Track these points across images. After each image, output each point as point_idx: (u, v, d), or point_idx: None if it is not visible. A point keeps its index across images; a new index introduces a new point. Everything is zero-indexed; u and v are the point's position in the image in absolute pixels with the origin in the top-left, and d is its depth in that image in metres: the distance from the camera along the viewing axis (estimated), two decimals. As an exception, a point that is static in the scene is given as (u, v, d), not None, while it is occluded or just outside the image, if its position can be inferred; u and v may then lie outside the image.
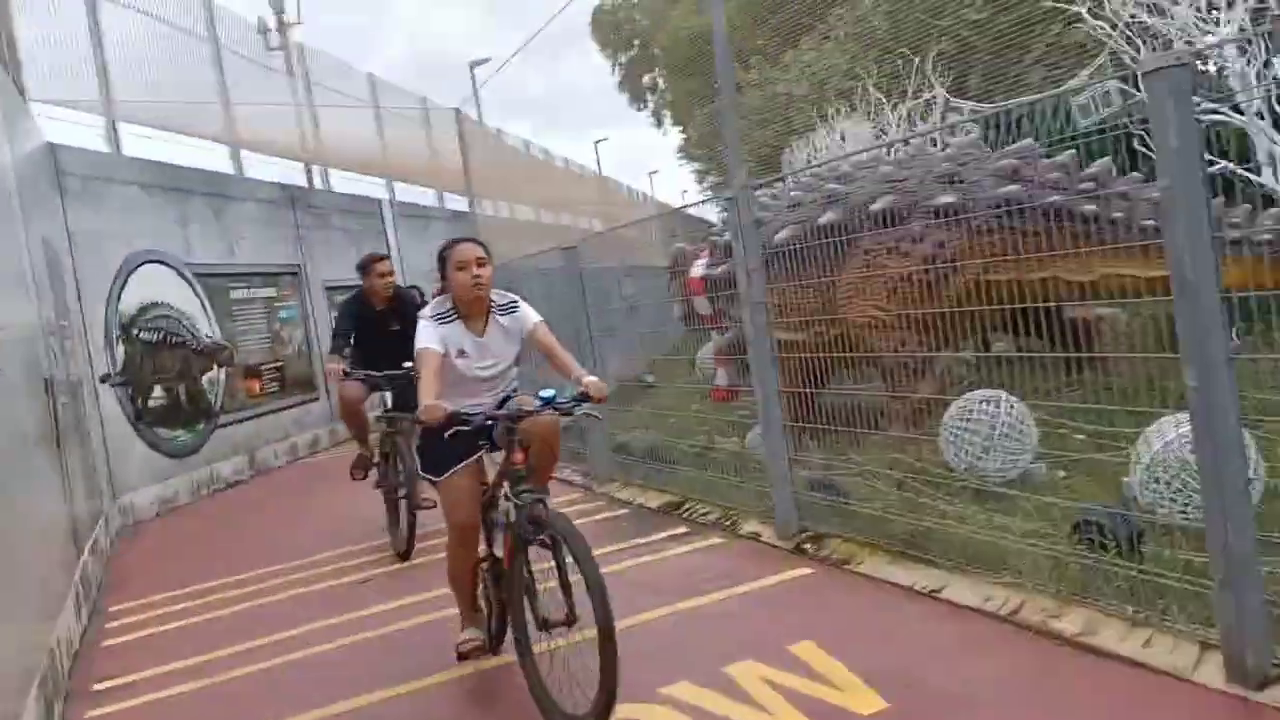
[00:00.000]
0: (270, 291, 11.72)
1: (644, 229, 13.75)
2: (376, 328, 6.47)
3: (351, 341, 6.57)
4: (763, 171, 22.37)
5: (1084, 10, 6.77)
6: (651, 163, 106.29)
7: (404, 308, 6.43)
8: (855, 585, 4.19)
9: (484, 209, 15.19)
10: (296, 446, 11.87)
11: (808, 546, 4.67)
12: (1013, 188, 5.96)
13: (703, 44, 31.40)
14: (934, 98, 8.25)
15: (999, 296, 6.23)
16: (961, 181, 6.15)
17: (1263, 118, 5.82)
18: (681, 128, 36.53)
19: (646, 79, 39.50)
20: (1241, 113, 6.46)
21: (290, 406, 11.80)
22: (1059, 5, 7.73)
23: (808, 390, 6.84)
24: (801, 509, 4.92)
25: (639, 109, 39.48)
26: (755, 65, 24.97)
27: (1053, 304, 6.21)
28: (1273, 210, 6.16)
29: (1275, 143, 5.97)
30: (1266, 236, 5.81)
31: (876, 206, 6.20)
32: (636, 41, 39.03)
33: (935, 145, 8.64)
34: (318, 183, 14.41)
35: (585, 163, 40.71)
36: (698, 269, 7.80)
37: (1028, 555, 3.76)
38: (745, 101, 24.93)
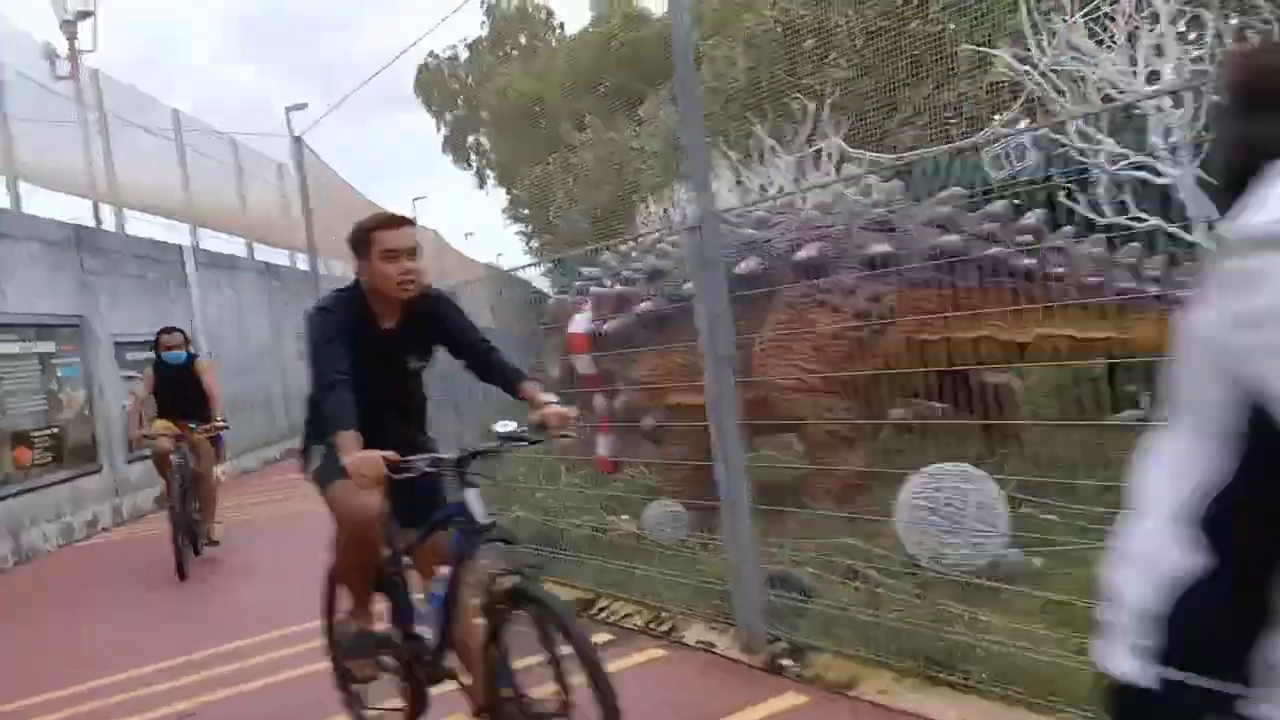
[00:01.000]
0: (47, 346, 9.89)
1: (471, 289, 12.39)
2: None
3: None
4: (599, 235, 21.73)
5: (1007, 54, 6.42)
6: (468, 224, 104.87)
7: None
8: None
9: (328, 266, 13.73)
10: (72, 528, 9.98)
11: (787, 663, 3.69)
12: (950, 238, 5.38)
13: (531, 104, 30.95)
14: (821, 149, 7.76)
15: (929, 358, 5.63)
16: (893, 229, 5.53)
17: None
18: (507, 188, 35.76)
19: (471, 139, 38.61)
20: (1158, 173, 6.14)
21: (66, 480, 9.92)
22: (980, 49, 7.43)
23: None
24: (771, 612, 3.94)
25: (463, 168, 38.44)
26: (590, 125, 24.52)
27: (981, 366, 5.70)
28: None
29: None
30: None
31: (803, 255, 5.47)
32: (461, 100, 38.15)
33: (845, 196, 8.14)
34: (109, 224, 12.57)
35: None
36: (579, 324, 6.86)
37: (1075, 674, 2.98)
38: (579, 161, 24.39)
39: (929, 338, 5.35)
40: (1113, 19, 6.27)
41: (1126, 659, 1.14)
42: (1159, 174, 5.80)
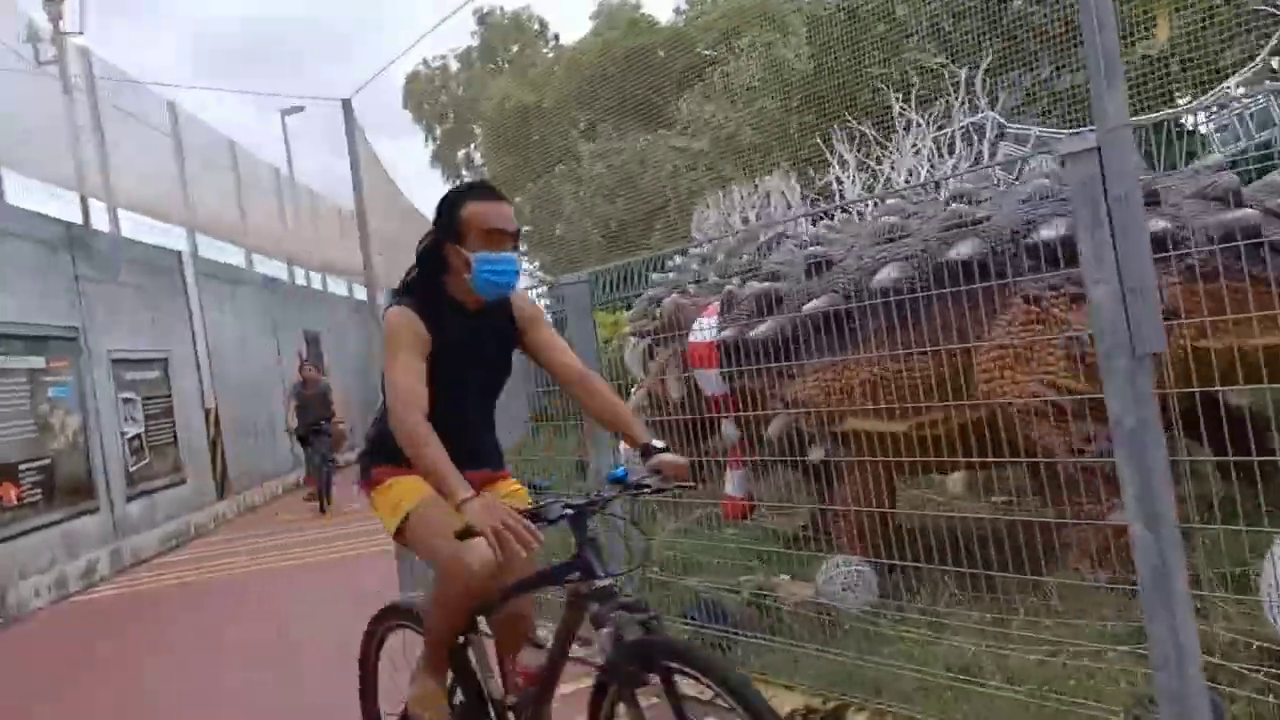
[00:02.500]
0: (36, 361, 8.49)
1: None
2: None
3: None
4: (614, 248, 20.51)
5: None
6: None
7: None
8: None
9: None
10: (66, 578, 8.54)
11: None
12: (1242, 212, 4.20)
13: (530, 115, 29.77)
14: (967, 127, 6.64)
15: (1205, 371, 4.43)
16: (1157, 202, 4.31)
17: None
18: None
19: (462, 152, 37.36)
20: None
21: (58, 521, 8.51)
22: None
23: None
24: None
25: (455, 183, 37.15)
26: (600, 134, 23.36)
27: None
28: None
29: None
30: None
31: (1049, 234, 4.25)
32: (452, 113, 36.92)
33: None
34: (100, 223, 11.16)
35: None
36: (703, 331, 5.60)
37: None
38: (589, 172, 23.18)
39: (1214, 345, 4.14)
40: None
41: None
42: None
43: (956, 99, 6.70)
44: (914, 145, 6.91)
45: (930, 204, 4.80)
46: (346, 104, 5.99)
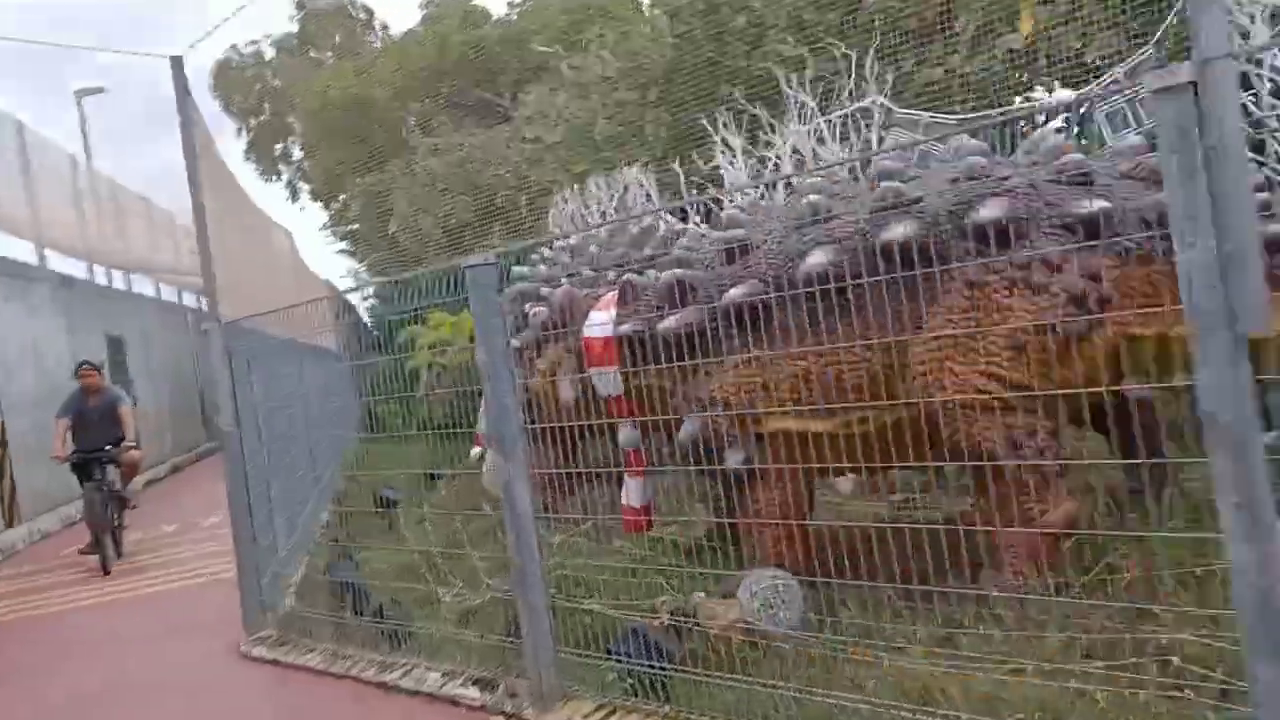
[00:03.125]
0: None
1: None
2: None
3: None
4: (455, 246, 19.70)
5: None
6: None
7: None
8: None
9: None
10: None
11: None
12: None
13: (359, 110, 28.33)
14: (853, 112, 6.36)
15: (1137, 361, 4.24)
16: (1090, 183, 4.08)
17: None
18: (325, 201, 32.74)
19: (279, 146, 35.31)
20: None
21: None
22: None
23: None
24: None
25: (270, 180, 35.06)
26: (439, 129, 22.42)
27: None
28: None
29: None
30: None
31: (988, 214, 3.95)
32: (267, 105, 34.84)
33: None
34: None
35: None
36: (599, 326, 5.08)
37: None
38: (425, 168, 22.22)
39: (1143, 332, 3.95)
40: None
41: None
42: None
43: (838, 85, 6.45)
44: (803, 129, 6.61)
45: (849, 185, 4.44)
46: (177, 62, 5.13)
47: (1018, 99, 6.85)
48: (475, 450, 9.85)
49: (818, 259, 4.04)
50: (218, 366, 5.04)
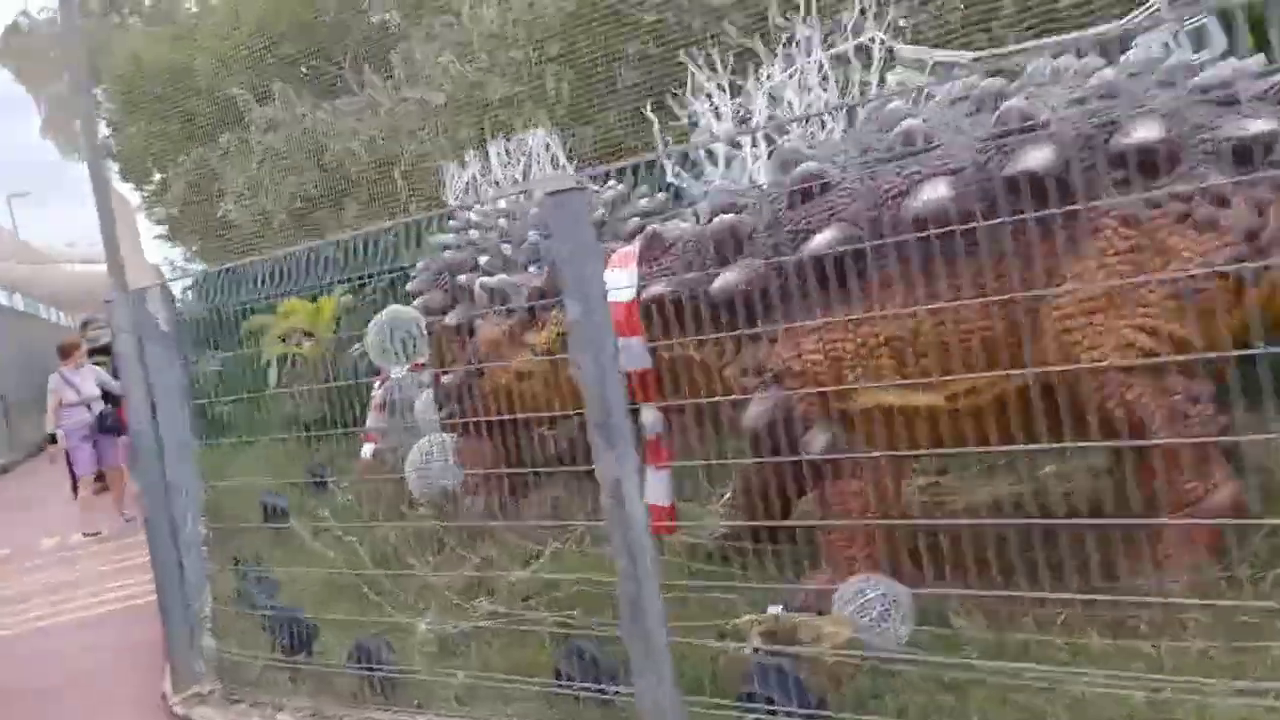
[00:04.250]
0: None
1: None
2: None
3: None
4: (306, 226, 18.20)
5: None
6: (83, 227, 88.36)
7: None
8: None
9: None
10: None
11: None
12: None
13: (177, 79, 25.80)
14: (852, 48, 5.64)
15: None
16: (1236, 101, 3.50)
17: None
18: (136, 183, 29.79)
19: (81, 121, 31.97)
20: None
21: None
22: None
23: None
24: None
25: (73, 159, 31.74)
26: (280, 98, 20.60)
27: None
28: None
29: None
30: None
31: (1142, 135, 3.29)
32: (66, 74, 31.44)
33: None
34: None
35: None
36: (620, 290, 4.19)
37: None
38: (264, 143, 20.45)
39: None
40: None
41: None
42: None
43: (830, 20, 5.74)
44: (782, 75, 5.85)
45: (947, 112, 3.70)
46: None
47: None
48: (366, 448, 8.70)
49: (933, 194, 3.29)
50: (125, 348, 3.83)
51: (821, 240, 3.47)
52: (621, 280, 4.17)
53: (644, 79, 10.07)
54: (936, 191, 3.28)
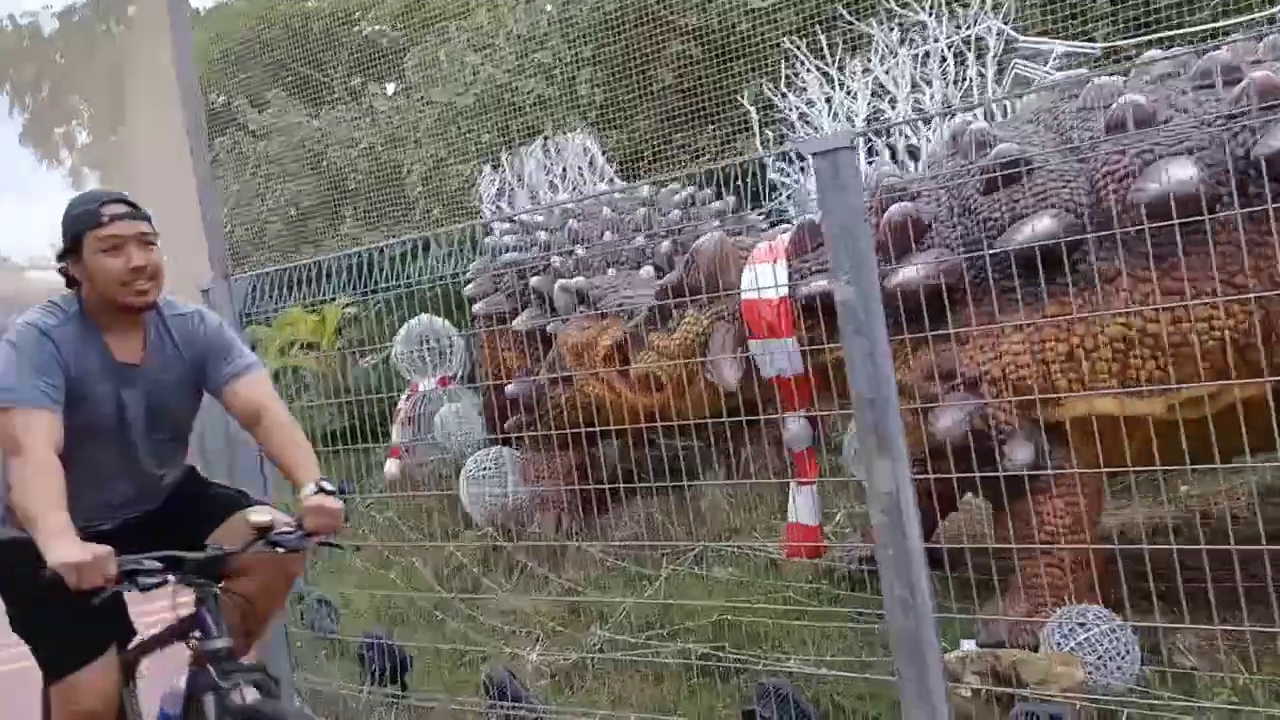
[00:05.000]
0: None
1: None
2: None
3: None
4: (300, 234, 17.76)
5: None
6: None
7: None
8: None
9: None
10: None
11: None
12: None
13: (167, 85, 25.19)
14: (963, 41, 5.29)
15: None
16: None
17: None
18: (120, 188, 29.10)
19: (61, 130, 31.36)
20: None
21: None
22: None
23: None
24: None
25: (53, 165, 31.08)
26: (275, 105, 20.10)
27: None
28: None
29: None
30: None
31: None
32: (47, 84, 30.83)
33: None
34: None
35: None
36: (763, 284, 3.78)
37: None
38: (262, 150, 19.94)
39: None
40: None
41: None
42: None
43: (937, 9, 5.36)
44: (882, 68, 5.48)
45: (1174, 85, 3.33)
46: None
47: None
48: (391, 464, 8.20)
49: (1182, 175, 2.91)
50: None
51: (1041, 228, 3.08)
52: (768, 276, 3.77)
53: (683, 80, 9.70)
54: (1183, 172, 2.89)
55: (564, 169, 9.10)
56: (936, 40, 5.25)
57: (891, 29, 5.54)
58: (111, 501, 2.52)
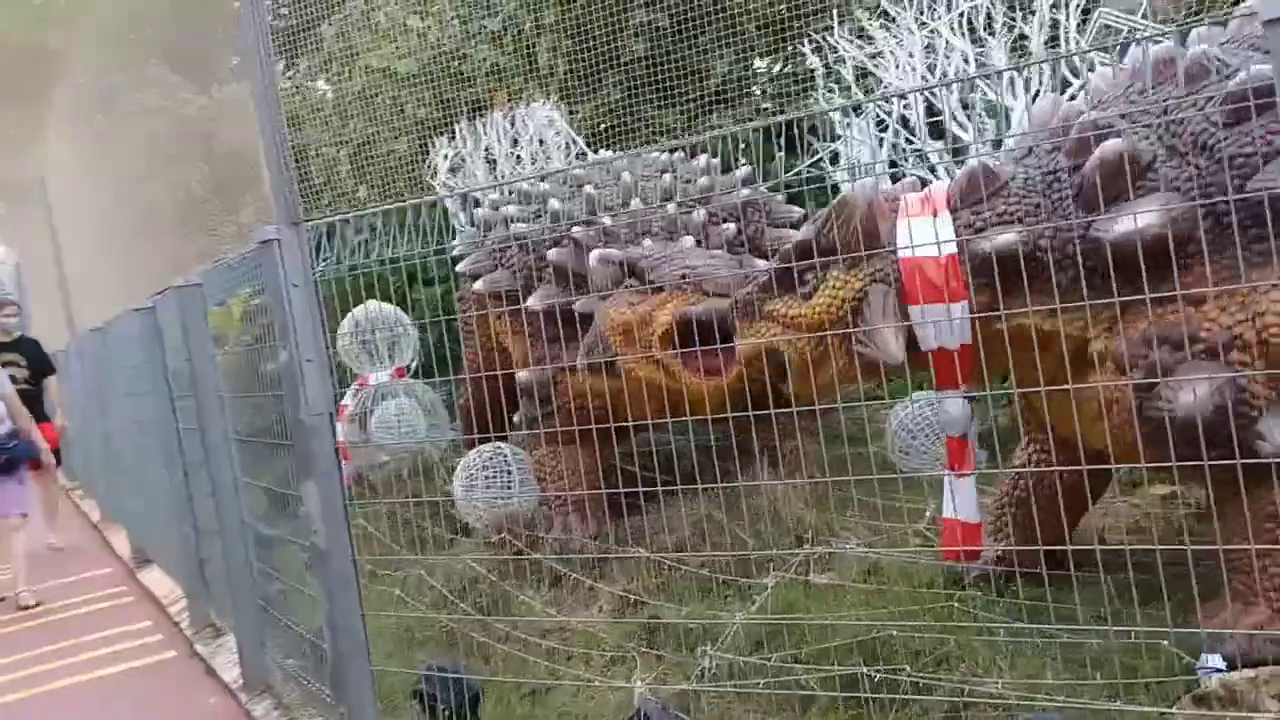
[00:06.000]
0: None
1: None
2: None
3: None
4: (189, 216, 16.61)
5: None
6: None
7: None
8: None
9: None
10: None
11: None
12: None
13: (34, 60, 23.15)
14: None
15: None
16: None
17: None
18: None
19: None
20: None
21: None
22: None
23: None
24: None
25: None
26: (156, 82, 18.73)
27: None
28: None
29: None
30: None
31: None
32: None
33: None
34: None
35: None
36: (919, 240, 3.22)
37: None
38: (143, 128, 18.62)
39: None
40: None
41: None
42: None
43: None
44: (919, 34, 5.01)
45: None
46: None
47: None
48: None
49: None
50: (297, 309, 2.54)
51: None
52: (929, 231, 3.20)
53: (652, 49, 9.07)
54: None
55: (534, 139, 8.38)
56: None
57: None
58: None
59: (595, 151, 7.85)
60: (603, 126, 9.02)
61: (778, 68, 8.59)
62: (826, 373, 3.39)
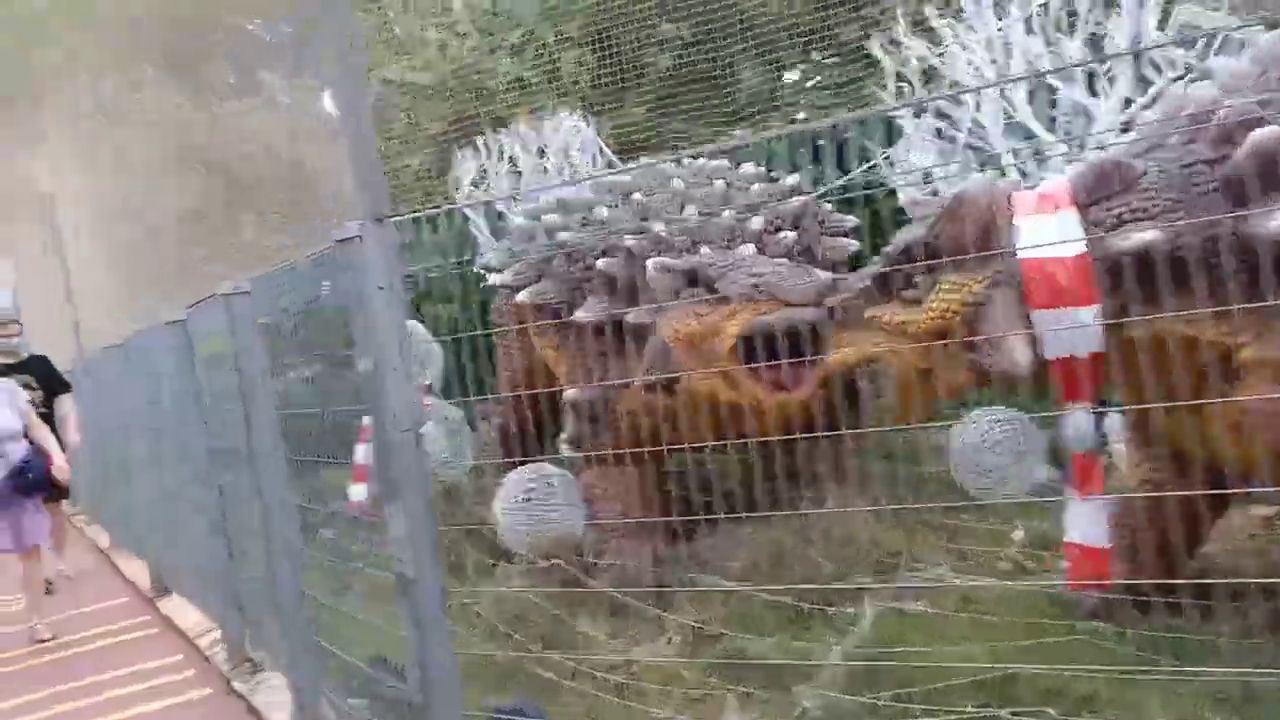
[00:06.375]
0: None
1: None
2: None
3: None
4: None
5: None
6: None
7: None
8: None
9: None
10: None
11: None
12: None
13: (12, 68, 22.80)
14: None
15: None
16: None
17: None
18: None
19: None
20: None
21: None
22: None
23: None
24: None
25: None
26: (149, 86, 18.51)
27: None
28: None
29: None
30: None
31: None
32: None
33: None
34: None
35: None
36: (1057, 244, 2.98)
37: None
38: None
39: None
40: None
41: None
42: None
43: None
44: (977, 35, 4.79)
45: None
46: None
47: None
48: (357, 489, 7.06)
49: None
50: (380, 314, 2.27)
51: None
52: (1053, 230, 2.95)
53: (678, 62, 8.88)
54: None
55: (564, 150, 8.14)
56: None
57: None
58: None
59: (625, 164, 7.62)
60: (632, 137, 8.79)
61: (810, 83, 8.38)
62: (945, 384, 3.14)
